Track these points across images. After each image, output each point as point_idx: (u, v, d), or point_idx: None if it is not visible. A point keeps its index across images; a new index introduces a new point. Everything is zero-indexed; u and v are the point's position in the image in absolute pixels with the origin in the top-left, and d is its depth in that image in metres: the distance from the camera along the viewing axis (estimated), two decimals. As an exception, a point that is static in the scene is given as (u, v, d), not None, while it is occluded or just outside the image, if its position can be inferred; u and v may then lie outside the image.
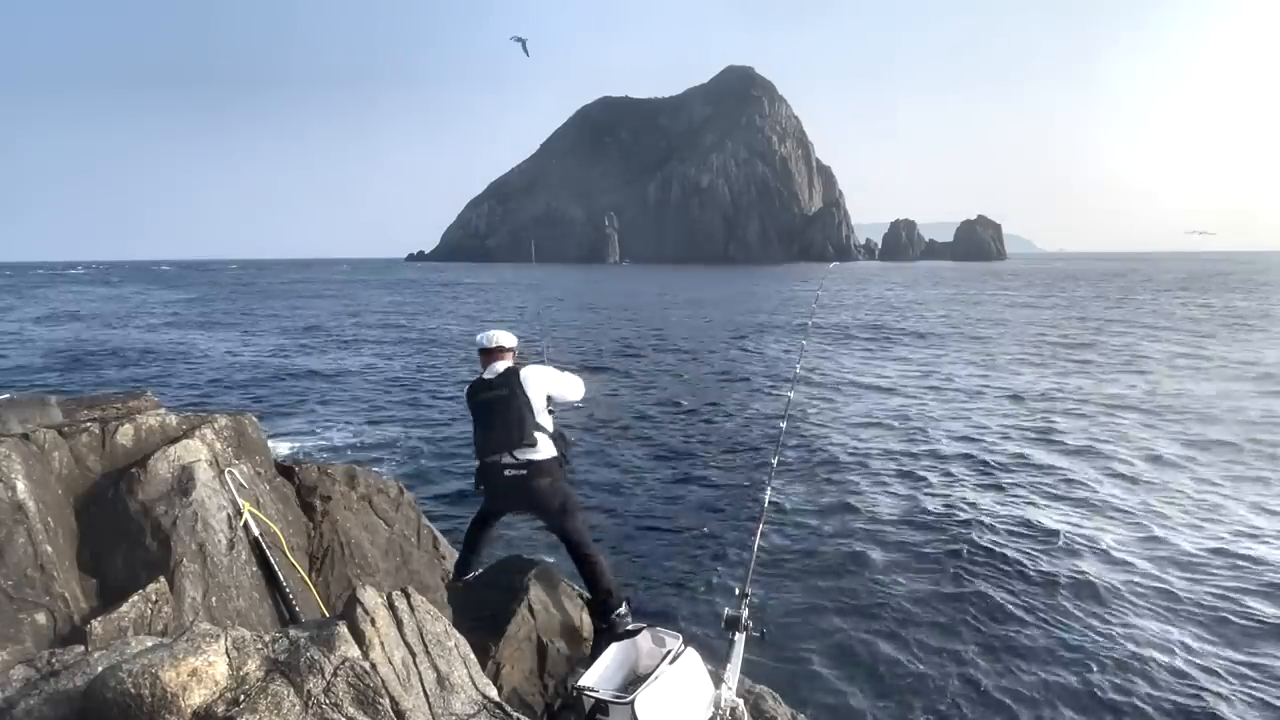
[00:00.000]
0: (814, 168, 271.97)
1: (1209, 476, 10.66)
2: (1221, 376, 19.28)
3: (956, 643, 6.22)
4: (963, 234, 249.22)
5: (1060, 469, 11.16)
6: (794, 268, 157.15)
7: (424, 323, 39.22)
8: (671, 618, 6.39)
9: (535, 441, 4.49)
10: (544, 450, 4.54)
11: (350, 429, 14.67)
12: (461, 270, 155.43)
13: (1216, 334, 29.43)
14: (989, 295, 59.46)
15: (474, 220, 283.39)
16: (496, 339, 4.92)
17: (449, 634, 2.55)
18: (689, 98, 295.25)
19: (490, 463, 4.52)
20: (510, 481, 4.49)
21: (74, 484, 3.07)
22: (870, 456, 12.02)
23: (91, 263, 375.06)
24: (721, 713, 2.94)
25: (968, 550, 8.07)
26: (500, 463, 4.48)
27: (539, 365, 4.85)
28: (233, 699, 1.92)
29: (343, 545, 3.83)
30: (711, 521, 9.15)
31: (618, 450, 12.69)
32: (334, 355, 26.32)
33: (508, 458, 4.49)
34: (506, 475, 4.48)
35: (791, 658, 5.99)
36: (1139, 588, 7.18)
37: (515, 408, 4.53)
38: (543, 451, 4.53)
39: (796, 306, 48.48)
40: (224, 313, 46.87)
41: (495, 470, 4.50)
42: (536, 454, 4.48)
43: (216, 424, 3.59)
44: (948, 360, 23.33)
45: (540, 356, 5.17)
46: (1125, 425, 13.91)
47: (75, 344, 29.21)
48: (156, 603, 2.68)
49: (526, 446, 4.48)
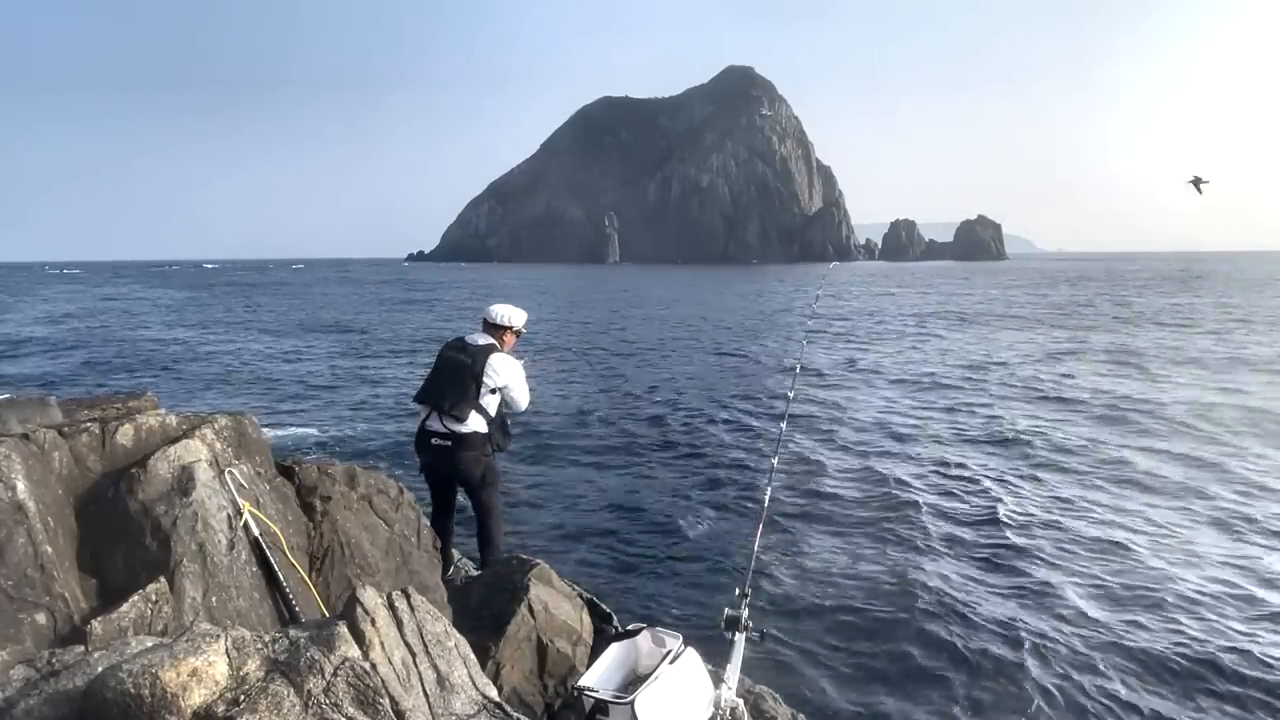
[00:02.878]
0: (814, 168, 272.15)
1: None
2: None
3: (958, 642, 6.21)
4: (963, 234, 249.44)
5: (1070, 468, 11.14)
6: (794, 268, 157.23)
7: (424, 323, 39.24)
8: (671, 618, 6.39)
9: (465, 416, 4.75)
10: (473, 425, 4.78)
11: (350, 428, 14.68)
12: (462, 270, 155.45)
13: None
14: (992, 294, 59.48)
15: (474, 220, 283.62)
16: (499, 316, 5.06)
17: (449, 634, 2.55)
18: (689, 98, 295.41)
19: (422, 428, 4.87)
20: (436, 450, 4.82)
21: (74, 484, 3.06)
22: (871, 456, 12.01)
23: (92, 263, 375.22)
24: (721, 713, 2.94)
25: (970, 550, 8.07)
26: (430, 430, 4.82)
27: (513, 359, 5.01)
28: (233, 699, 1.92)
29: (343, 545, 3.83)
30: (711, 521, 9.15)
31: (617, 450, 12.68)
32: (334, 354, 26.32)
33: (436, 425, 4.79)
34: (433, 444, 4.82)
35: (791, 658, 5.99)
36: (1150, 591, 7.19)
37: (465, 378, 4.76)
38: (471, 426, 4.77)
39: (796, 306, 48.49)
40: (224, 312, 46.88)
41: (425, 438, 4.85)
42: (463, 427, 4.75)
43: (216, 424, 3.58)
44: (950, 360, 23.33)
45: (524, 359, 5.29)
46: (1160, 427, 13.79)
47: (75, 344, 29.21)
48: (156, 603, 2.68)
49: (454, 418, 4.75)
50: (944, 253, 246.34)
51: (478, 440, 4.78)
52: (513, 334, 5.09)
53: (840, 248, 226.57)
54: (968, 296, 58.26)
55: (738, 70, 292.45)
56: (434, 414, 4.78)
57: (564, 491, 10.45)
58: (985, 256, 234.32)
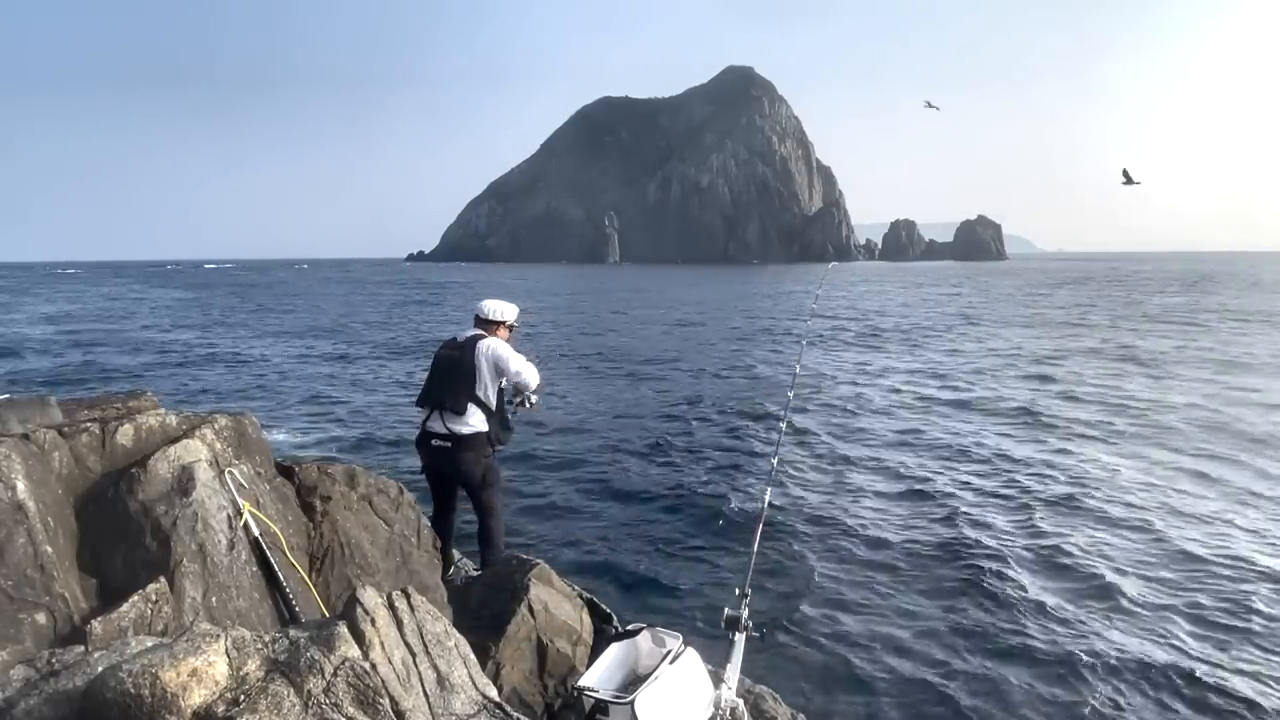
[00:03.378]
0: (814, 168, 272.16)
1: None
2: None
3: (959, 642, 6.21)
4: (963, 234, 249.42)
5: (1072, 471, 11.12)
6: (794, 268, 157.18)
7: (424, 323, 39.24)
8: (671, 618, 6.39)
9: (465, 410, 4.73)
10: (473, 423, 4.77)
11: (350, 428, 14.68)
12: (462, 270, 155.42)
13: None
14: (994, 294, 59.49)
15: (474, 220, 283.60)
16: (490, 311, 5.06)
17: (449, 634, 2.55)
18: (689, 98, 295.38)
19: (424, 430, 4.85)
20: (436, 452, 4.81)
21: (74, 484, 3.06)
22: (871, 456, 12.02)
23: (92, 263, 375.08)
24: (721, 713, 2.94)
25: (971, 550, 8.06)
26: (430, 430, 4.80)
27: (499, 341, 5.00)
28: (233, 699, 1.92)
29: (343, 545, 3.83)
30: (711, 521, 9.14)
31: (617, 450, 12.68)
32: (334, 354, 26.31)
33: (438, 425, 4.76)
34: (434, 445, 4.81)
35: (791, 658, 5.99)
36: (1153, 592, 7.18)
37: (460, 372, 4.76)
38: (471, 425, 4.76)
39: (796, 307, 48.48)
40: (224, 312, 46.88)
41: (425, 439, 4.84)
42: (464, 427, 4.74)
43: (216, 424, 3.58)
44: (953, 359, 23.33)
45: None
46: (1161, 433, 13.76)
47: (75, 344, 29.21)
48: (156, 603, 2.68)
49: (454, 414, 4.74)
50: (944, 253, 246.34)
51: (478, 441, 4.78)
52: (506, 329, 5.10)
53: (840, 248, 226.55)
54: (968, 296, 58.26)
55: (738, 70, 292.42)
56: (435, 414, 4.78)
57: (564, 492, 10.45)
58: (985, 257, 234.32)
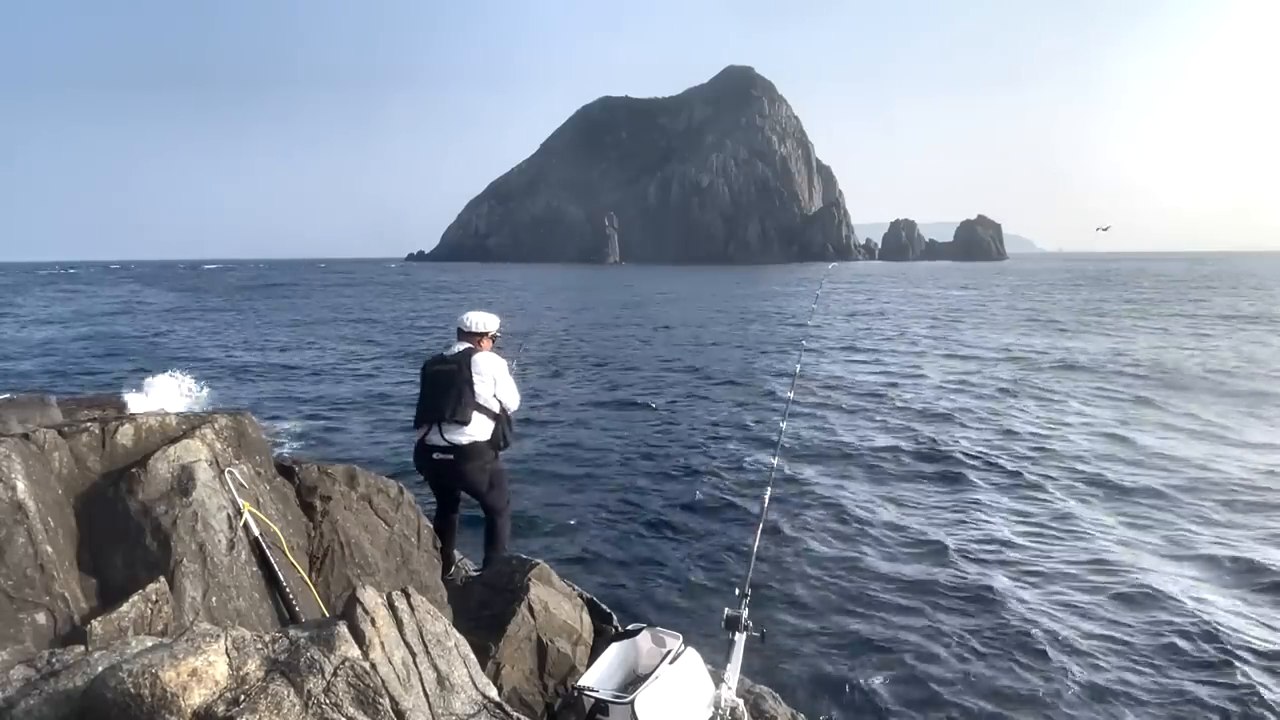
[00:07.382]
0: (814, 168, 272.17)
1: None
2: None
3: (959, 642, 6.21)
4: (963, 234, 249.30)
5: (1077, 468, 11.12)
6: (794, 268, 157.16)
7: (424, 323, 39.24)
8: (671, 617, 6.39)
9: (469, 419, 4.70)
10: (476, 432, 4.74)
11: (350, 428, 14.68)
12: (462, 270, 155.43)
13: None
14: (997, 294, 59.49)
15: (474, 220, 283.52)
16: (473, 324, 5.07)
17: (449, 634, 2.55)
18: (689, 98, 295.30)
19: (422, 444, 4.80)
20: (438, 464, 4.77)
21: (74, 484, 3.06)
22: (872, 456, 12.01)
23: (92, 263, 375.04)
24: (721, 713, 2.94)
25: (972, 550, 8.06)
26: (429, 444, 4.74)
27: (494, 356, 5.03)
28: (233, 699, 1.92)
29: (343, 545, 3.83)
30: (711, 521, 9.15)
31: (617, 450, 12.68)
32: (334, 354, 26.31)
33: (437, 438, 4.71)
34: (435, 458, 4.75)
35: (791, 658, 5.99)
36: (1153, 592, 7.18)
37: (457, 384, 4.74)
38: (473, 434, 4.73)
39: (796, 307, 48.49)
40: (224, 312, 46.89)
41: (425, 452, 4.78)
42: (464, 437, 4.70)
43: (216, 423, 3.58)
44: (951, 361, 23.32)
45: (513, 361, 5.30)
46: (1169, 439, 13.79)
47: (75, 344, 29.21)
48: (156, 603, 2.68)
49: (457, 424, 4.69)
50: (944, 253, 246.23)
51: (479, 449, 4.75)
52: (489, 339, 5.15)
53: (840, 248, 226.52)
54: (968, 297, 58.25)
55: (738, 70, 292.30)
56: (434, 429, 4.73)
57: (564, 492, 10.45)
58: (985, 257, 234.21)
